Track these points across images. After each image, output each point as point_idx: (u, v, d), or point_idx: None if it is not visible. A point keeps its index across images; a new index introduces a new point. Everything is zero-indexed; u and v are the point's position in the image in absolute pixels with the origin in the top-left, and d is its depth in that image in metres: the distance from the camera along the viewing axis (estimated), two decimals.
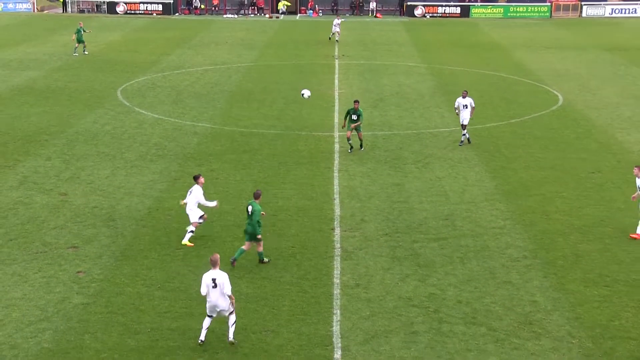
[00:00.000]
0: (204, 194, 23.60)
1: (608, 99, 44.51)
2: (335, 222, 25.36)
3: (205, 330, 17.89)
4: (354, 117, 32.42)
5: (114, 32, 71.91)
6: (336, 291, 20.49)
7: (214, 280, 17.67)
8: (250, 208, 21.83)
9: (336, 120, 38.63)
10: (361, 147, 33.06)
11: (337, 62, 56.99)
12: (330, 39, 67.16)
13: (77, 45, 58.49)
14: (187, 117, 39.40)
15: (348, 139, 32.77)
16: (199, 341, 17.80)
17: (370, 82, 49.15)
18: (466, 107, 33.77)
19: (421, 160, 32.15)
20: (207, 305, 17.86)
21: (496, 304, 19.85)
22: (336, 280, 21.10)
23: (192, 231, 23.57)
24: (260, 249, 21.94)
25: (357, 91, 46.03)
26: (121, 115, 39.68)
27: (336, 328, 18.61)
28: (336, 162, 31.74)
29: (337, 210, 26.42)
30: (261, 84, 48.18)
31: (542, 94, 45.64)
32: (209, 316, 17.95)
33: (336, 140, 34.78)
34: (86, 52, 58.48)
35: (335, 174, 30.18)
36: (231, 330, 17.90)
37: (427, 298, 20.16)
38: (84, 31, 58.74)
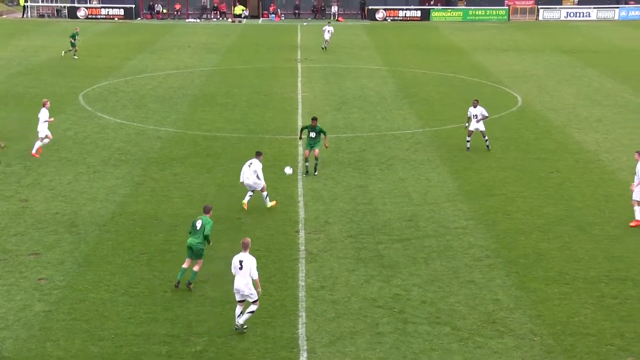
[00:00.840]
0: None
1: (565, 100, 45.14)
2: (300, 225, 25.43)
3: (238, 317, 18.47)
4: (312, 134, 30.00)
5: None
6: (301, 293, 20.56)
7: (240, 262, 18.42)
8: (199, 223, 20.73)
9: (299, 123, 38.72)
10: (315, 171, 30.32)
11: (299, 65, 57.12)
12: (323, 48, 64.69)
13: (71, 48, 59.05)
14: (150, 121, 39.25)
15: (305, 159, 30.48)
16: (235, 328, 18.46)
17: (333, 85, 49.33)
18: (476, 117, 33.47)
19: (384, 162, 32.35)
20: (234, 288, 18.50)
21: (460, 304, 20.05)
22: (301, 283, 21.17)
23: (267, 195, 26.62)
24: (197, 268, 20.82)
25: (320, 94, 46.19)
26: (83, 120, 39.41)
27: (302, 330, 18.67)
28: (300, 164, 31.80)
29: (302, 213, 26.50)
30: (224, 88, 48.14)
31: (501, 96, 46.14)
32: (239, 302, 18.51)
33: (299, 143, 34.84)
34: (75, 57, 58.70)
35: (299, 177, 30.24)
36: (244, 316, 18.42)
37: (391, 299, 20.30)
38: (76, 37, 59.13)
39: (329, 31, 64.67)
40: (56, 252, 23.09)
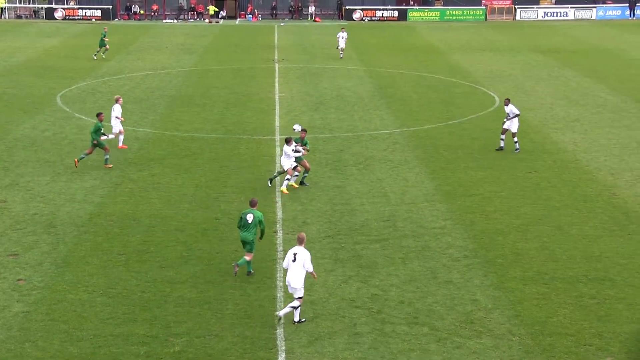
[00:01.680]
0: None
1: (542, 99, 45.40)
2: (278, 225, 25.43)
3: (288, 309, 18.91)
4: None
5: (53, 38, 70.97)
6: (279, 294, 20.56)
7: (294, 254, 19.01)
8: (250, 217, 21.22)
9: (277, 123, 38.72)
10: (304, 182, 29.45)
11: (276, 65, 57.10)
12: (341, 57, 60.60)
13: (99, 49, 58.91)
14: (128, 122, 39.00)
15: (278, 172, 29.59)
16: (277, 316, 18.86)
17: (310, 85, 49.34)
18: (508, 116, 33.78)
19: (362, 162, 32.41)
20: (286, 281, 19.08)
21: (438, 304, 20.13)
22: (279, 283, 21.15)
23: (288, 179, 27.80)
24: (249, 258, 21.36)
25: (297, 94, 46.19)
26: (61, 121, 39.19)
27: (280, 331, 18.68)
28: (277, 165, 31.77)
29: (279, 214, 26.51)
30: (202, 89, 48.04)
31: (479, 96, 46.33)
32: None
33: (277, 143, 34.84)
34: (104, 56, 58.63)
35: (277, 178, 30.19)
36: (285, 309, 18.84)
37: (369, 299, 20.35)
38: (104, 36, 59.09)
39: (342, 37, 60.63)
40: (35, 253, 22.97)
